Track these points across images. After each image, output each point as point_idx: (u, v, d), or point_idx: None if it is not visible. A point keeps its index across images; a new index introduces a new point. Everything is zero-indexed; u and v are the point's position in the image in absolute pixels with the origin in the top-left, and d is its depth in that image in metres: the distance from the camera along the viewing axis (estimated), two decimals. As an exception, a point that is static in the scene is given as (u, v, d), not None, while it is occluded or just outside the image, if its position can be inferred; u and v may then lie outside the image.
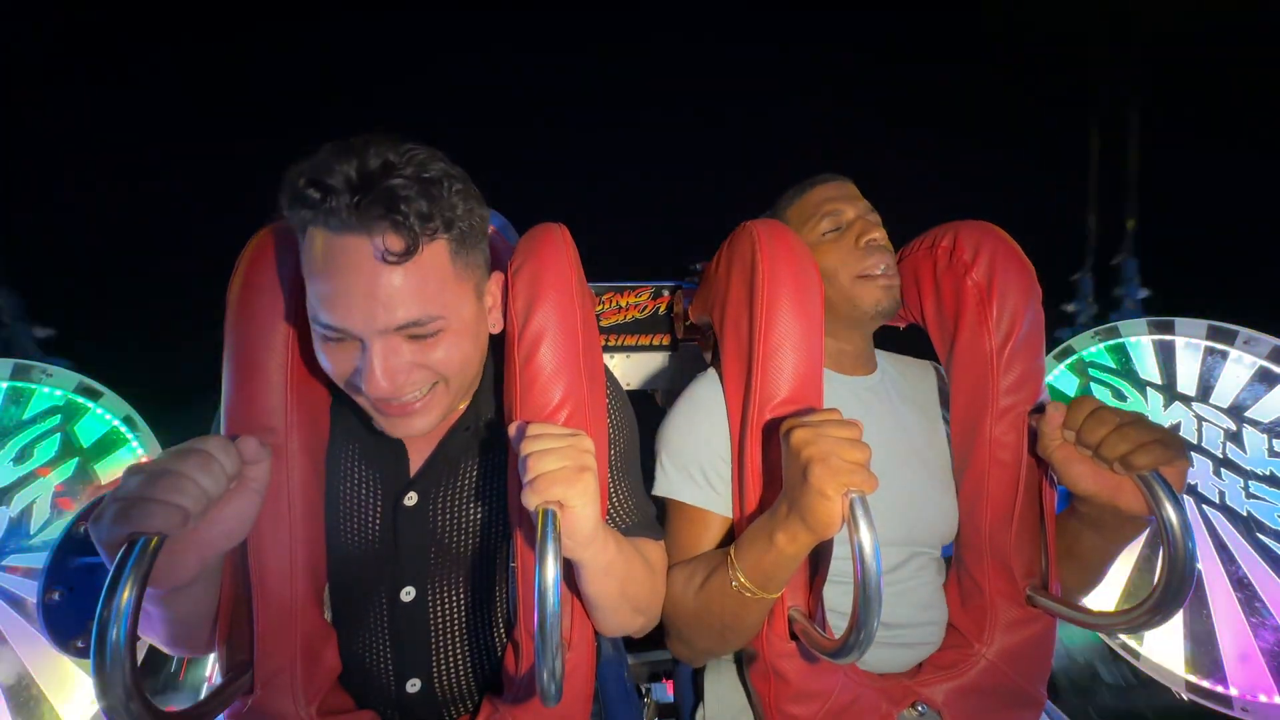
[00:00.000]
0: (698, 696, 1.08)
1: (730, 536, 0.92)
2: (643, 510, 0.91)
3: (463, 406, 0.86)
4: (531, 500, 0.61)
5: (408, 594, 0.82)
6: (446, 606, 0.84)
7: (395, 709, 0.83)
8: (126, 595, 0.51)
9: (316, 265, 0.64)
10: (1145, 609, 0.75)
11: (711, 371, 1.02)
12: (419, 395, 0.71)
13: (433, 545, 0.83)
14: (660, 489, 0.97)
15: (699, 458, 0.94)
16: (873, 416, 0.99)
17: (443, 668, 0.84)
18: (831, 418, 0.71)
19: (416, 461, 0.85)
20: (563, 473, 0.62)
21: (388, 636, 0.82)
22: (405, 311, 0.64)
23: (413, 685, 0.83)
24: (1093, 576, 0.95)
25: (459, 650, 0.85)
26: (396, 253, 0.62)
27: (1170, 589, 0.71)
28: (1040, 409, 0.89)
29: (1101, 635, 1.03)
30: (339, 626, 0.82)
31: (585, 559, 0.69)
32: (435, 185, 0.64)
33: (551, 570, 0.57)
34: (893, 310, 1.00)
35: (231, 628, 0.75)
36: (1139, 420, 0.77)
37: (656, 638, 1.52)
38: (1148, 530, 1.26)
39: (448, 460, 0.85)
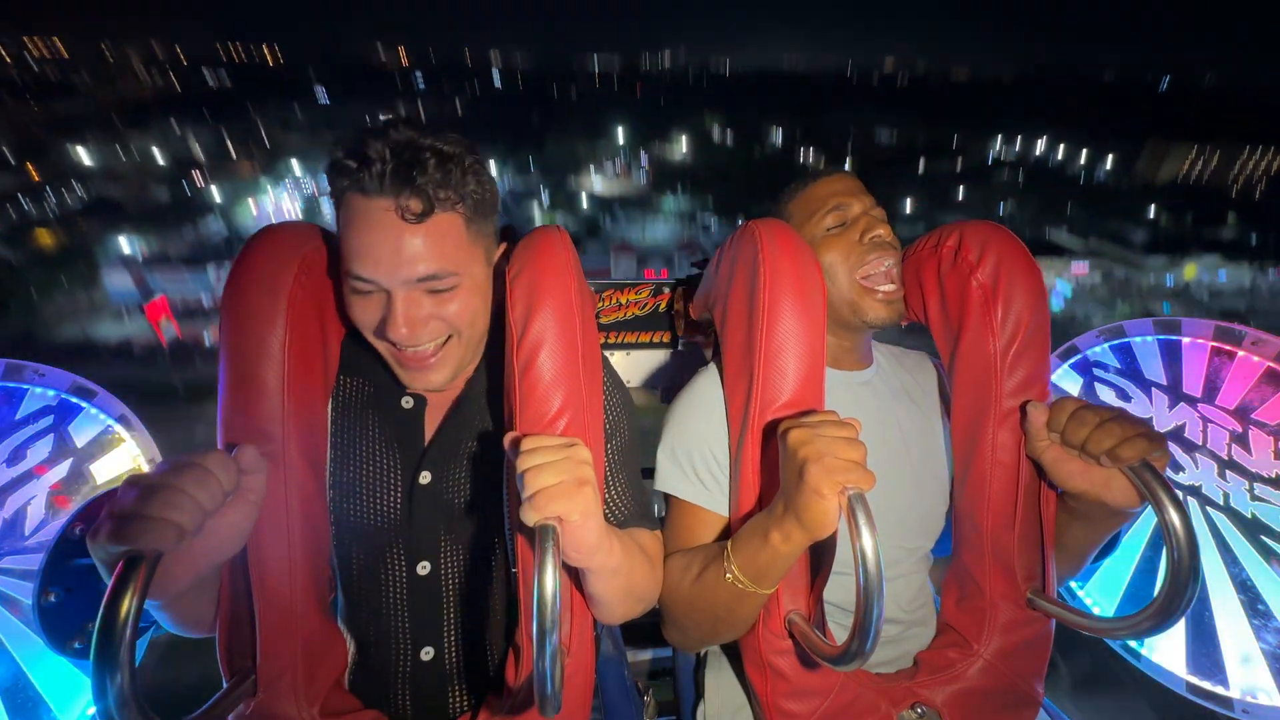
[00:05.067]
0: (698, 694, 1.09)
1: (727, 532, 0.93)
2: (639, 501, 0.92)
3: (469, 370, 0.92)
4: (531, 517, 0.61)
5: (423, 568, 0.87)
6: (457, 580, 0.88)
7: (408, 680, 0.88)
8: (124, 613, 0.52)
9: (351, 225, 0.73)
10: (1149, 614, 0.75)
11: (712, 368, 1.02)
12: (435, 346, 0.80)
13: (444, 522, 0.87)
14: (659, 483, 0.98)
15: (696, 455, 0.95)
16: (866, 412, 1.00)
17: (453, 638, 0.89)
18: (829, 418, 0.72)
19: (429, 436, 0.89)
20: (561, 488, 0.62)
21: (406, 607, 0.87)
22: (425, 266, 0.74)
23: (426, 653, 0.87)
24: (1077, 565, 0.98)
25: (468, 622, 0.89)
26: (416, 213, 0.72)
27: (1175, 590, 0.71)
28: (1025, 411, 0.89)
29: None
30: (359, 598, 0.87)
31: (593, 566, 0.70)
32: (451, 160, 0.74)
33: (550, 585, 0.56)
34: (894, 323, 1.00)
35: (233, 632, 0.76)
36: (1119, 415, 0.78)
37: (656, 635, 1.52)
38: (1150, 531, 1.26)
39: (455, 433, 0.89)
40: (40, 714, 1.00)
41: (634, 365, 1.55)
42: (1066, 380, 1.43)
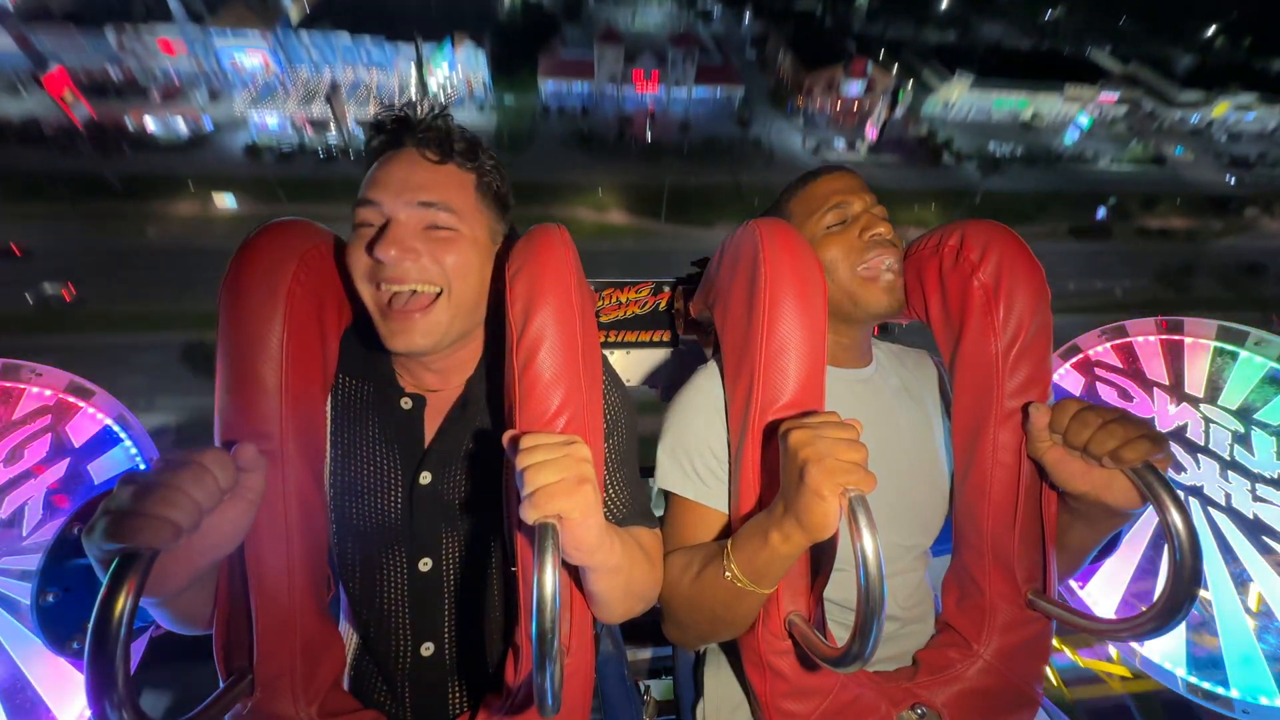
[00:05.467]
0: (698, 692, 1.09)
1: (727, 529, 0.93)
2: (638, 500, 0.92)
3: (470, 370, 0.91)
4: (531, 514, 0.61)
5: (424, 564, 0.87)
6: (459, 577, 0.89)
7: (408, 676, 0.89)
8: (119, 610, 0.52)
9: (373, 168, 0.81)
10: (1149, 616, 0.74)
11: (712, 365, 1.02)
12: (423, 292, 0.79)
13: (445, 520, 0.88)
14: (659, 481, 0.98)
15: (695, 452, 0.95)
16: (866, 410, 0.99)
17: (453, 634, 0.89)
18: (830, 419, 0.72)
19: (430, 437, 0.89)
20: (561, 486, 0.61)
21: (407, 603, 0.88)
22: (428, 194, 0.79)
23: (426, 649, 0.88)
24: (1076, 563, 0.98)
25: (469, 618, 0.90)
26: (434, 155, 0.81)
27: (1176, 593, 0.70)
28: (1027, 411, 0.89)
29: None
30: (359, 594, 0.88)
31: (593, 564, 0.69)
32: (476, 144, 0.86)
33: (550, 584, 0.56)
34: (895, 312, 0.99)
35: (230, 631, 0.76)
36: (1122, 417, 0.78)
37: (656, 634, 1.52)
38: (1151, 532, 1.25)
39: (456, 434, 0.89)
40: (39, 714, 0.99)
41: (634, 364, 1.55)
42: (1068, 380, 1.43)
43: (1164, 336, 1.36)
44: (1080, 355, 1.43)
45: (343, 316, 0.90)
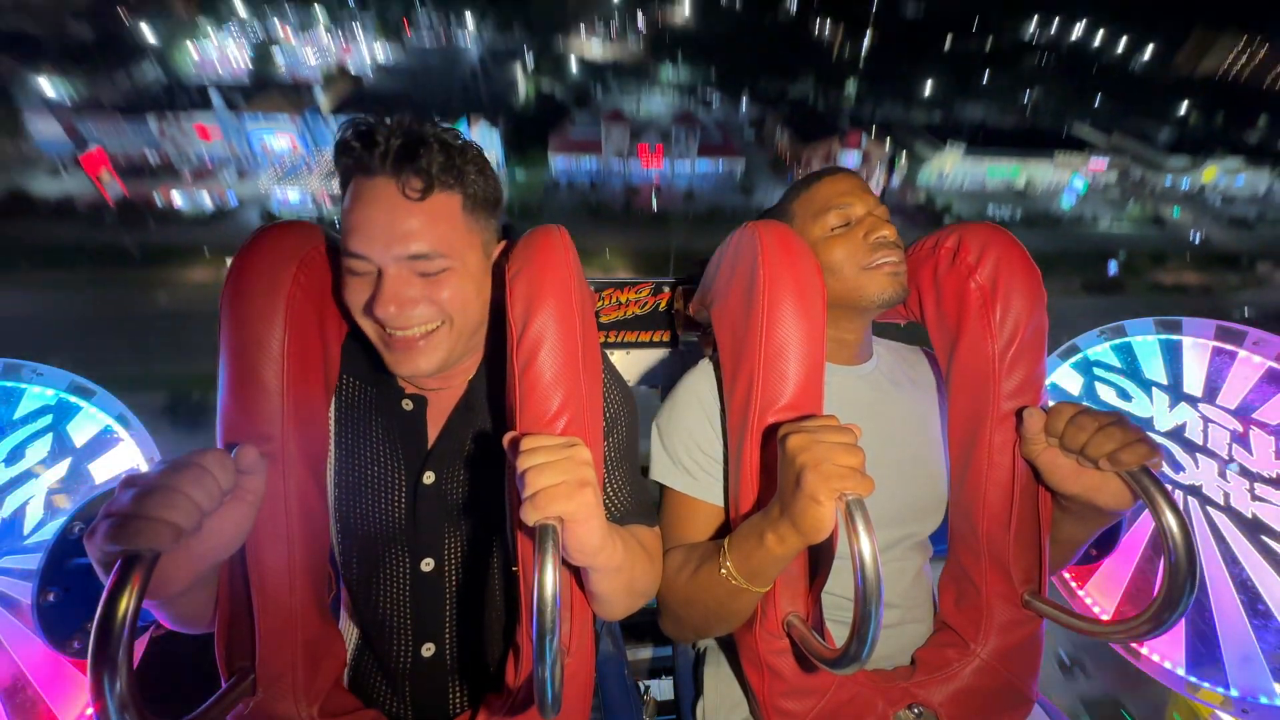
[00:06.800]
0: (698, 690, 1.09)
1: (720, 522, 0.94)
2: (637, 497, 0.93)
3: (471, 371, 0.92)
4: (531, 516, 0.61)
5: (427, 565, 0.88)
6: (461, 577, 0.89)
7: (408, 676, 0.88)
8: (122, 612, 0.52)
9: (352, 204, 0.76)
10: (1146, 618, 0.75)
11: (706, 363, 1.03)
12: (424, 331, 0.79)
13: (448, 520, 0.88)
14: (654, 474, 1.00)
15: (681, 445, 0.96)
16: (866, 406, 1.00)
17: (454, 634, 0.89)
18: (828, 423, 0.72)
19: (433, 436, 0.90)
20: (562, 488, 0.62)
21: (409, 603, 0.88)
22: (418, 245, 0.75)
23: (427, 649, 0.88)
24: (1067, 557, 0.99)
25: (470, 619, 0.90)
26: (417, 189, 0.74)
27: (1172, 595, 0.71)
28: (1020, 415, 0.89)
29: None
30: (362, 593, 0.88)
31: (596, 565, 0.69)
32: (455, 150, 0.78)
33: (550, 586, 0.56)
34: (900, 298, 0.98)
35: (232, 632, 0.76)
36: (1118, 420, 0.78)
37: (656, 633, 1.52)
38: (1150, 533, 1.26)
39: (459, 433, 0.89)
40: (39, 714, 1.00)
41: (634, 364, 1.55)
42: (1067, 379, 1.43)
43: (1162, 336, 1.36)
44: (1079, 355, 1.43)
45: (344, 317, 0.90)
